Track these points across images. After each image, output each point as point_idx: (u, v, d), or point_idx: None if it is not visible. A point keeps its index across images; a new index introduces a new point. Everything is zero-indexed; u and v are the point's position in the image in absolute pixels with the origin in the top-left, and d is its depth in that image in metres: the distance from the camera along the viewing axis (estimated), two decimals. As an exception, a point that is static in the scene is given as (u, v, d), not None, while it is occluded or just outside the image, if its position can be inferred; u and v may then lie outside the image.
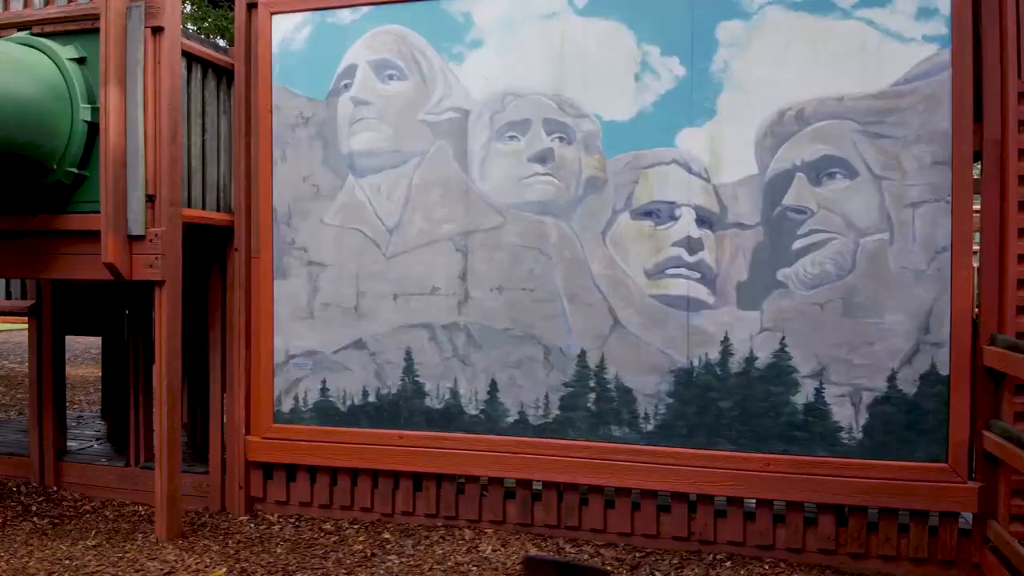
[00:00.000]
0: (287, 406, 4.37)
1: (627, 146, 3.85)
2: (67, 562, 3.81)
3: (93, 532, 4.25)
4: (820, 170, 3.63)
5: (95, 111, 3.86)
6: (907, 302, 3.54)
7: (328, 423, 4.31)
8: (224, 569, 3.70)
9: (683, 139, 3.77)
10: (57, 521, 4.43)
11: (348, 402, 4.28)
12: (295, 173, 4.33)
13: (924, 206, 3.52)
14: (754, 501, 3.80)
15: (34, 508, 4.63)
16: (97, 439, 5.54)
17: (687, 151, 3.77)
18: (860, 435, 3.60)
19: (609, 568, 3.65)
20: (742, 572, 3.67)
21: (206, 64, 4.29)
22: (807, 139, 3.64)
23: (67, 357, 8.17)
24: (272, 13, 4.33)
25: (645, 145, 3.82)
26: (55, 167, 3.83)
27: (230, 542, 4.10)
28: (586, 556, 3.86)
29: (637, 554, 3.87)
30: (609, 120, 3.87)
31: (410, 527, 4.25)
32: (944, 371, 3.51)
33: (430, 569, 3.73)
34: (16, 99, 3.59)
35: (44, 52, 3.84)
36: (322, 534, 4.21)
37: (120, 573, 3.66)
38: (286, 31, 4.33)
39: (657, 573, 3.67)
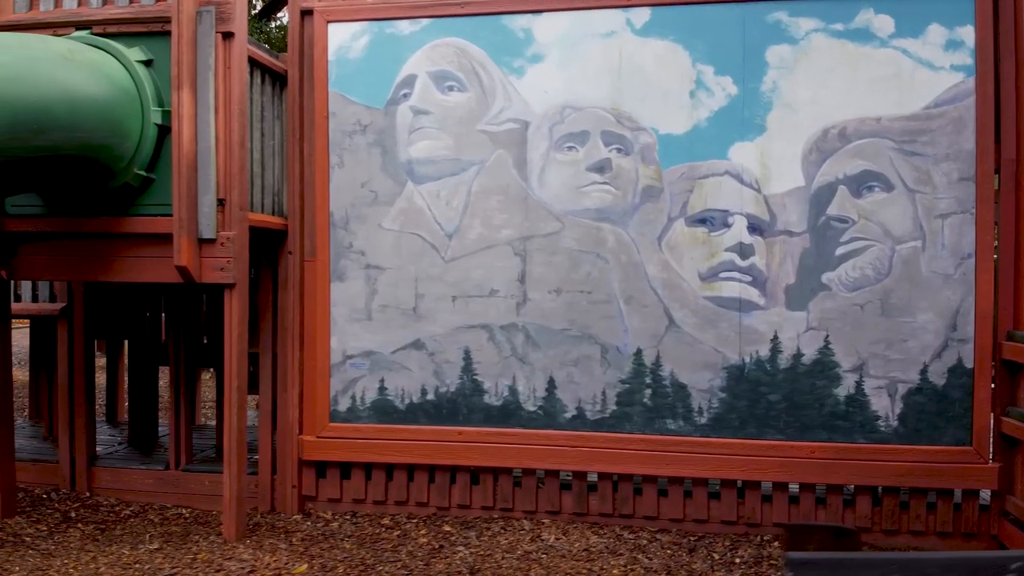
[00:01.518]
0: (343, 405, 4.47)
1: (682, 158, 4.13)
2: (137, 566, 3.81)
3: (147, 536, 4.24)
4: (860, 183, 4.00)
5: (165, 114, 3.88)
6: (937, 303, 3.95)
7: (386, 421, 4.43)
8: (305, 566, 3.79)
9: (735, 152, 4.08)
10: (103, 527, 4.39)
11: (407, 400, 4.42)
12: (352, 179, 4.44)
13: (951, 217, 3.94)
14: (797, 486, 4.14)
15: (73, 515, 4.56)
16: (119, 443, 5.46)
17: (739, 163, 4.08)
18: (895, 423, 3.99)
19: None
20: (790, 551, 4.00)
21: (263, 69, 4.35)
22: (848, 155, 4.01)
23: None
24: (328, 21, 4.42)
25: (700, 157, 4.12)
26: (124, 169, 3.84)
27: (294, 540, 4.18)
28: (644, 541, 4.13)
29: (691, 538, 4.16)
30: (665, 133, 4.14)
31: (468, 519, 4.42)
32: (969, 364, 3.93)
33: (502, 558, 3.92)
34: (93, 101, 3.59)
35: (111, 53, 3.83)
36: (383, 529, 4.33)
37: (200, 574, 3.70)
38: (342, 39, 4.43)
39: (715, 554, 3.97)
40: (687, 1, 4.11)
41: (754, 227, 4.07)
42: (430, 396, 4.40)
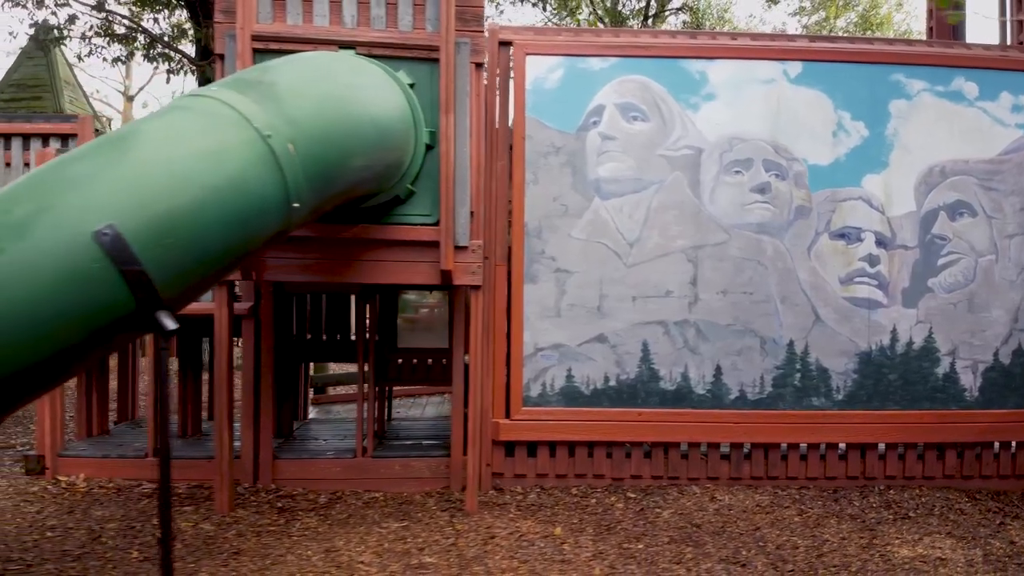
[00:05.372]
0: (535, 391, 5.06)
1: (826, 184, 5.13)
2: (410, 540, 4.20)
3: (374, 516, 4.60)
4: (954, 210, 5.19)
5: (432, 135, 4.30)
6: (1005, 302, 5.22)
7: (573, 405, 5.08)
8: (559, 528, 4.39)
9: (867, 182, 5.14)
10: (322, 514, 4.67)
11: (591, 386, 5.09)
12: (545, 194, 5.04)
13: (1016, 237, 5.22)
14: (903, 446, 5.26)
15: (280, 505, 4.79)
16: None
17: (869, 191, 5.14)
18: (977, 393, 5.21)
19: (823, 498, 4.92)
20: (905, 494, 5.12)
21: (473, 93, 4.83)
22: (946, 188, 5.18)
23: None
24: (526, 54, 4.99)
25: (839, 184, 5.13)
26: (398, 183, 4.22)
27: (513, 510, 4.73)
28: (796, 495, 5.08)
29: (828, 491, 5.17)
30: (813, 164, 5.12)
31: (643, 488, 5.16)
32: (1026, 348, 5.24)
33: (702, 515, 4.71)
34: (401, 122, 3.98)
35: (388, 74, 4.20)
36: (577, 498, 4.98)
37: (481, 540, 4.18)
38: (538, 71, 5.01)
39: (854, 502, 5.00)
40: (830, 59, 5.11)
41: (880, 242, 5.15)
42: (612, 383, 5.10)
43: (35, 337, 2.48)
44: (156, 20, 10.64)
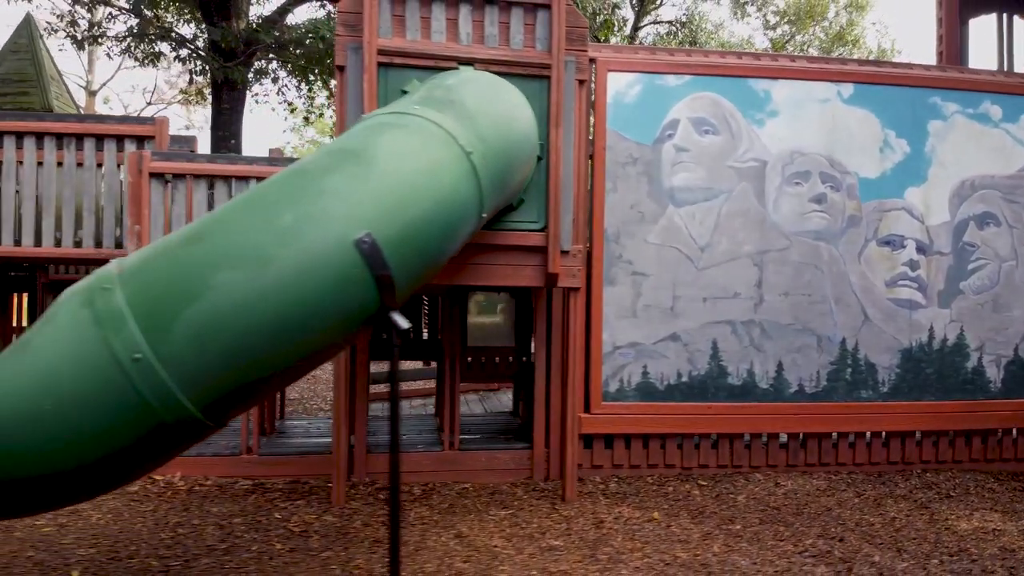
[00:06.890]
0: (613, 387, 5.40)
1: (874, 195, 5.63)
2: (526, 526, 4.50)
3: (477, 506, 4.87)
4: (982, 220, 5.77)
5: (541, 147, 4.59)
6: (1024, 303, 5.84)
7: (648, 399, 5.44)
8: (657, 513, 4.74)
9: (909, 194, 5.66)
10: (428, 504, 4.89)
11: (665, 382, 5.46)
12: (623, 202, 5.38)
13: (1034, 245, 5.85)
14: (936, 432, 5.82)
15: (383, 497, 5.00)
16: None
17: (911, 202, 5.67)
18: (1000, 385, 5.81)
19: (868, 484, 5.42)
20: (941, 477, 5.67)
21: (564, 106, 5.14)
22: (975, 200, 5.76)
23: None
24: (608, 70, 5.32)
25: (885, 196, 5.64)
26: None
27: (601, 499, 5.06)
28: (849, 480, 5.57)
29: (873, 475, 5.68)
30: (863, 177, 5.62)
31: (710, 476, 5.56)
32: (1042, 344, 5.87)
33: (773, 498, 5.15)
34: (534, 135, 4.26)
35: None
36: (655, 486, 5.34)
37: (592, 525, 4.50)
38: (619, 86, 5.35)
39: (899, 485, 5.52)
40: (877, 82, 5.61)
41: (920, 248, 5.69)
42: (684, 378, 5.48)
43: (301, 338, 2.69)
44: (154, 13, 10.51)
